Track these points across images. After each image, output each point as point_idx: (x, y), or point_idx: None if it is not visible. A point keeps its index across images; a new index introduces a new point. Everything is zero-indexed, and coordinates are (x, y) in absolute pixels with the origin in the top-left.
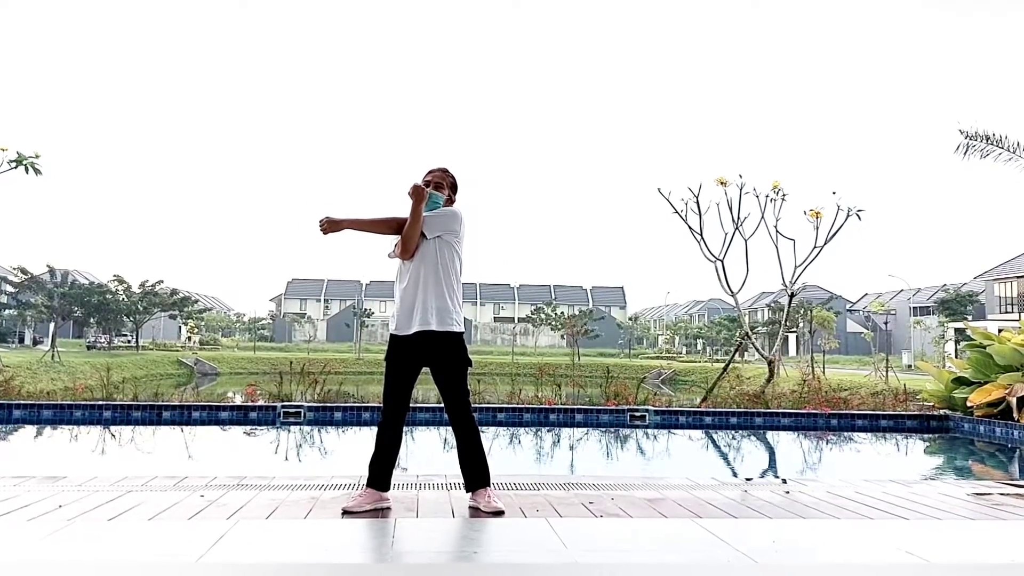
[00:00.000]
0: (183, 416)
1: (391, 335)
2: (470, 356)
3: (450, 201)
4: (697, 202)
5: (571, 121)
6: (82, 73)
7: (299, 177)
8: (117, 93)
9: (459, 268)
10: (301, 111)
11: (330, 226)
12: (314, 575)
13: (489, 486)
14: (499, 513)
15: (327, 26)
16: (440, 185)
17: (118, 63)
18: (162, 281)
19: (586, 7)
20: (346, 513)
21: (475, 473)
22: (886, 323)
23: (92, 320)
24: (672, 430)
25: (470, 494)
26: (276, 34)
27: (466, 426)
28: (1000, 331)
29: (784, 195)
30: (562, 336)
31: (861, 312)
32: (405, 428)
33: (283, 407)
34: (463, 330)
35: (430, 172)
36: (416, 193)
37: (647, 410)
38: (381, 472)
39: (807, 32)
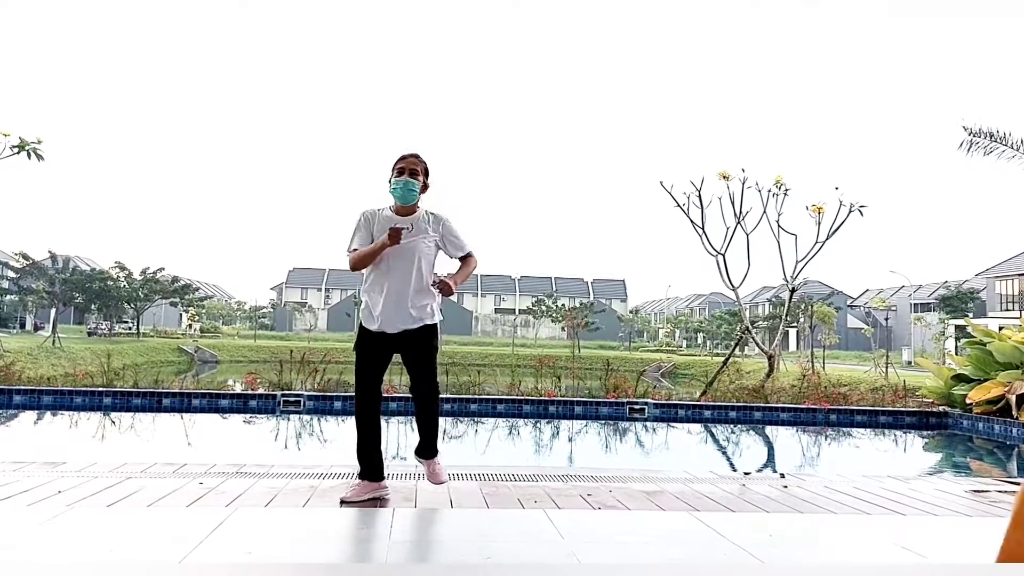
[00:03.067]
0: (183, 403)
1: (369, 330)
2: (465, 347)
3: (424, 186)
4: (699, 196)
5: (574, 114)
6: (85, 60)
7: (301, 167)
8: (120, 81)
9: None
10: (302, 101)
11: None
12: (310, 573)
13: (435, 459)
14: (440, 482)
15: (329, 17)
16: (415, 172)
17: (121, 51)
18: (163, 268)
19: (589, 1)
20: (344, 503)
21: (425, 441)
22: (886, 319)
23: (93, 306)
24: (671, 423)
25: (418, 459)
26: (277, 25)
27: (427, 396)
28: (1001, 328)
29: (786, 190)
30: (562, 328)
31: (862, 308)
32: (404, 418)
33: (283, 396)
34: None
35: (403, 159)
36: (393, 237)
37: (646, 403)
38: (373, 463)
39: (810, 27)
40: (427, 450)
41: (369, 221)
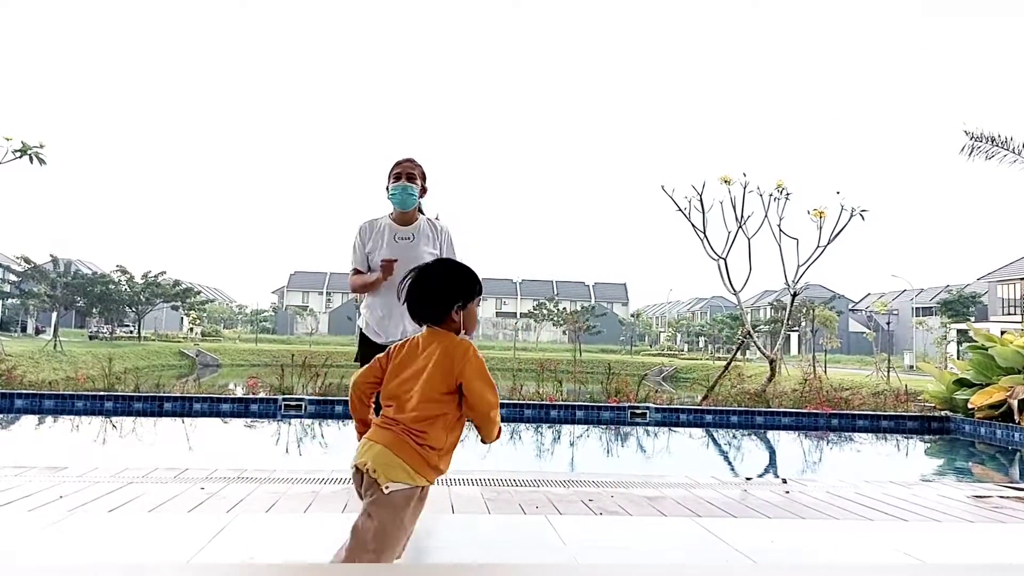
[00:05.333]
0: (184, 407)
1: (368, 339)
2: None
3: (423, 190)
4: (700, 200)
5: (575, 117)
6: (87, 64)
7: (302, 170)
8: (121, 84)
9: None
10: (303, 104)
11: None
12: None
13: None
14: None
15: (330, 20)
16: (412, 176)
17: (122, 54)
18: (165, 272)
19: (590, 5)
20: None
21: None
22: (888, 323)
23: (95, 310)
24: (673, 428)
25: None
26: (278, 27)
27: None
28: (1003, 333)
29: (788, 194)
30: (564, 332)
31: (863, 312)
32: None
33: (284, 400)
34: None
35: (399, 164)
36: (386, 271)
37: (648, 407)
38: None
39: (811, 31)
40: None
41: (364, 236)
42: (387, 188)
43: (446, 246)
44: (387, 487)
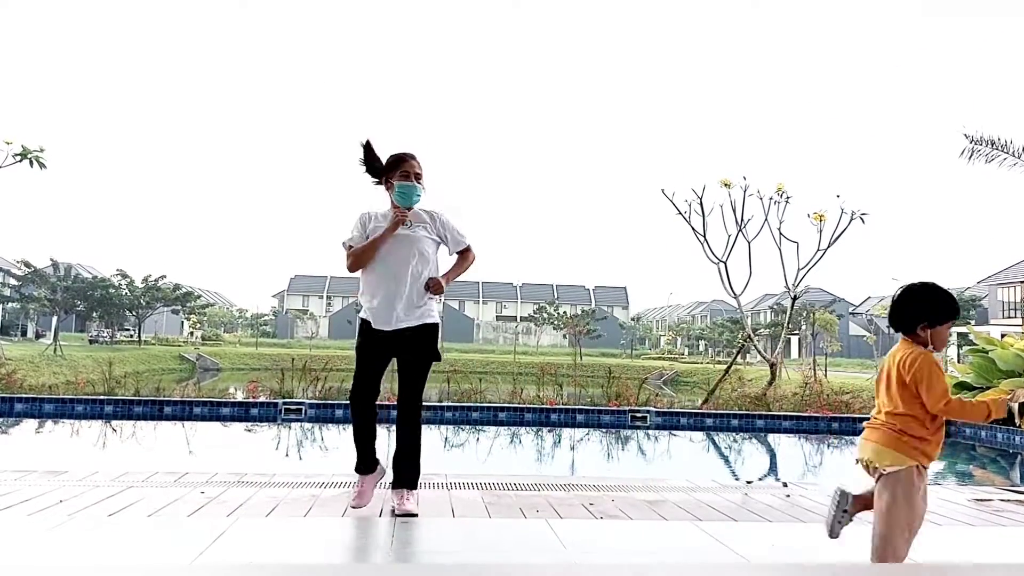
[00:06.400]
0: (184, 412)
1: (367, 324)
2: (467, 354)
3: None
4: (700, 204)
5: (575, 121)
6: (86, 68)
7: (302, 173)
8: (121, 88)
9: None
10: (304, 107)
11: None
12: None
13: (415, 489)
14: (411, 515)
15: (331, 23)
16: (419, 176)
17: (122, 58)
18: (165, 276)
19: (590, 7)
20: (354, 508)
21: (410, 468)
22: (888, 327)
23: (95, 314)
24: (673, 431)
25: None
26: (278, 30)
27: (412, 424)
28: (1003, 336)
29: (788, 197)
30: (564, 336)
31: (864, 315)
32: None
33: (284, 404)
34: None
35: (405, 161)
36: (399, 219)
37: (648, 411)
38: (366, 454)
39: (811, 34)
40: (411, 478)
41: (365, 223)
42: (390, 182)
43: (447, 230)
44: (884, 471)
